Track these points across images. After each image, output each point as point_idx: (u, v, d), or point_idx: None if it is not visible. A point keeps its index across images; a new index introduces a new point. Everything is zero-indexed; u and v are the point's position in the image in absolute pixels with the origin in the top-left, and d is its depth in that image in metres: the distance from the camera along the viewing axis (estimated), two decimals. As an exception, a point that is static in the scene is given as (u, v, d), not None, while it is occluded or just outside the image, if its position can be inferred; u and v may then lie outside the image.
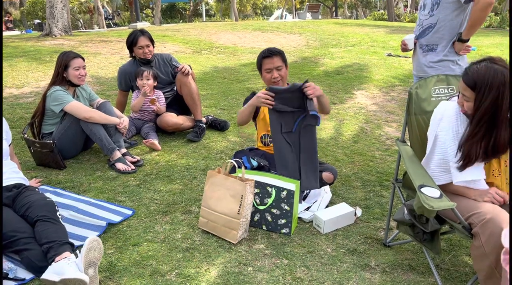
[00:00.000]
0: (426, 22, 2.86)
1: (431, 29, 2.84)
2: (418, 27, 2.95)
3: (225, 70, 6.68)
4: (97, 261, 1.89)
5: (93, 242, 1.88)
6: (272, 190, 2.34)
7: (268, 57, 2.71)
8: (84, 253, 1.84)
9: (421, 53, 2.95)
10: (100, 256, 1.91)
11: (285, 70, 2.76)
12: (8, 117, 4.31)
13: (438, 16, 2.78)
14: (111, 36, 10.02)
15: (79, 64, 3.23)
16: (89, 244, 1.86)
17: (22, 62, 6.73)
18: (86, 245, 1.85)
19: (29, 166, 3.25)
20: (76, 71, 3.21)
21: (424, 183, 1.78)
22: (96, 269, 1.88)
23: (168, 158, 3.41)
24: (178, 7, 34.26)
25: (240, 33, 10.79)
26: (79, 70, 3.22)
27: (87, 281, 1.77)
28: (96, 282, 1.87)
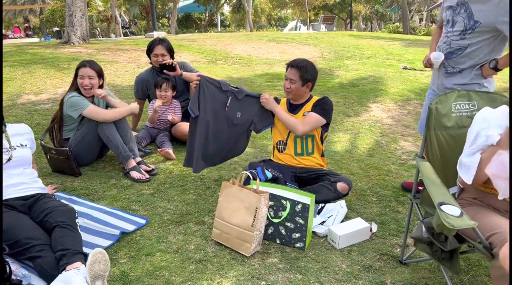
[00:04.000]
0: (456, 44, 2.64)
1: (460, 52, 2.63)
2: (445, 45, 2.72)
3: (239, 81, 6.70)
4: (104, 273, 1.87)
5: (97, 254, 1.87)
6: (287, 203, 2.32)
7: (290, 66, 2.86)
8: (88, 266, 1.83)
9: (443, 73, 2.76)
10: (106, 268, 1.89)
11: (297, 86, 2.81)
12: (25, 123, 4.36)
13: (471, 41, 2.56)
14: (127, 44, 10.15)
15: (83, 73, 3.24)
16: (92, 257, 1.85)
17: (40, 69, 6.84)
18: (90, 258, 1.85)
19: (44, 172, 3.28)
20: (80, 80, 3.24)
21: (444, 200, 1.74)
22: (105, 281, 1.87)
23: (182, 167, 3.41)
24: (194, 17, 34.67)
25: (255, 43, 10.85)
26: (83, 79, 3.24)
27: None
28: (107, 293, 1.86)
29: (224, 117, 2.93)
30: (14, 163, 2.35)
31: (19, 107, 4.97)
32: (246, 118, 2.94)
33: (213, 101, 2.92)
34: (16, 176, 2.35)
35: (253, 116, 2.94)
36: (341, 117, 4.90)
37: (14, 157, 2.36)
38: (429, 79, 3.02)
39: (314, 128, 2.82)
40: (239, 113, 2.94)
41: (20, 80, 6.20)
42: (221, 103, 2.92)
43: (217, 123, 2.93)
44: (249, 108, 2.94)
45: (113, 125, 3.21)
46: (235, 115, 2.93)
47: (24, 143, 2.48)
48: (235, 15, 34.80)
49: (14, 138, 2.44)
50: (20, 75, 6.46)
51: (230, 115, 2.93)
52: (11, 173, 2.33)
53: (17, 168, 2.38)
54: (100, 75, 3.34)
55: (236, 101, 2.92)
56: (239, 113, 2.94)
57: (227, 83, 2.95)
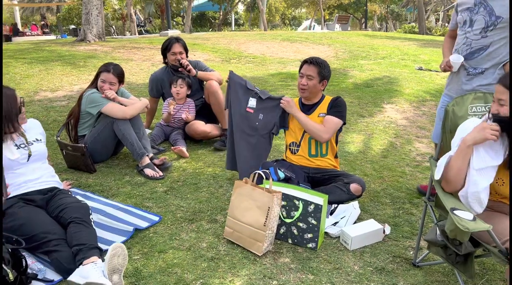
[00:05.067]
0: (477, 43, 2.57)
1: (482, 51, 2.56)
2: (464, 46, 2.65)
3: (253, 80, 6.71)
4: (122, 268, 1.90)
5: (117, 248, 1.89)
6: (299, 204, 2.31)
7: (307, 63, 2.83)
8: (108, 259, 1.85)
9: (464, 75, 2.67)
10: (124, 262, 1.92)
11: (315, 83, 2.78)
12: (42, 119, 4.44)
13: (492, 38, 2.50)
14: (142, 43, 10.24)
15: (106, 78, 3.30)
16: (112, 250, 1.87)
17: (57, 66, 6.94)
18: (110, 251, 1.87)
19: (60, 168, 3.33)
20: (101, 83, 3.29)
21: (456, 206, 1.73)
22: (121, 276, 1.89)
23: (195, 165, 3.43)
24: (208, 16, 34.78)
25: (269, 43, 10.84)
26: (104, 83, 3.29)
27: None
28: (122, 288, 1.88)
29: (246, 117, 2.93)
30: (33, 158, 2.41)
31: (36, 103, 5.05)
32: (267, 120, 2.91)
33: (236, 99, 2.92)
34: (35, 170, 2.40)
35: (274, 118, 2.90)
36: (355, 117, 4.88)
37: (33, 152, 2.41)
38: (445, 80, 2.95)
39: (335, 132, 2.81)
40: (261, 115, 2.91)
41: (37, 77, 6.30)
42: (244, 103, 2.93)
43: (239, 123, 2.93)
44: (270, 110, 2.90)
45: (129, 123, 3.24)
46: (258, 117, 2.91)
47: (39, 138, 2.54)
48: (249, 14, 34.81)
49: (29, 134, 2.49)
50: (37, 72, 6.56)
51: (251, 117, 2.91)
52: (31, 168, 2.38)
53: (37, 163, 2.43)
54: (121, 80, 3.41)
55: (260, 102, 2.90)
56: (262, 115, 2.91)
57: (251, 83, 2.95)
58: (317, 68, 2.79)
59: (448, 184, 1.88)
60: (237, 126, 2.97)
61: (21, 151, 2.36)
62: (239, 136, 2.98)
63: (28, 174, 2.35)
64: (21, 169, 2.32)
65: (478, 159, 1.79)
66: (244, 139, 2.96)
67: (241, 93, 2.95)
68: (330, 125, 2.77)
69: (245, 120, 2.93)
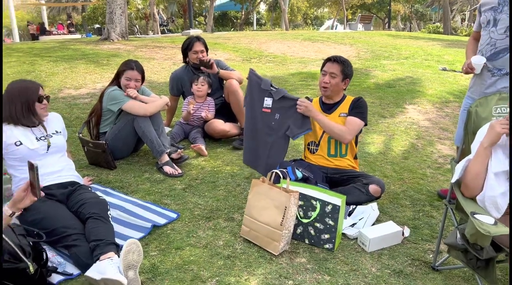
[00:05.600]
0: (501, 43, 2.50)
1: (506, 51, 2.48)
2: (488, 47, 2.57)
3: (273, 79, 6.69)
4: (137, 264, 1.91)
5: (132, 244, 1.91)
6: (317, 204, 2.30)
7: (330, 61, 2.80)
8: (122, 256, 1.87)
9: (488, 77, 2.59)
10: (139, 259, 1.93)
11: (338, 81, 2.75)
12: (65, 116, 4.53)
13: None
14: (164, 42, 10.35)
15: (131, 75, 3.33)
16: (127, 247, 1.89)
17: (81, 64, 7.08)
18: (124, 248, 1.89)
19: (82, 164, 3.39)
20: (126, 81, 3.32)
21: (477, 210, 1.69)
22: (137, 272, 1.91)
23: (213, 164, 3.45)
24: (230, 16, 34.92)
25: (290, 42, 10.80)
26: (129, 81, 3.33)
27: (125, 283, 1.80)
28: (137, 284, 1.89)
29: (262, 117, 2.92)
30: (53, 149, 2.48)
31: (60, 101, 5.17)
32: (283, 121, 2.86)
33: (254, 98, 2.93)
34: (55, 163, 2.47)
35: (289, 119, 2.84)
36: (376, 118, 4.81)
37: (52, 144, 2.48)
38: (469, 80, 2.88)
39: (357, 133, 2.78)
40: (277, 115, 2.88)
41: (61, 74, 6.44)
42: (258, 102, 2.92)
43: (256, 122, 2.94)
44: (286, 111, 2.85)
45: (149, 120, 3.28)
46: (274, 117, 2.88)
47: (58, 130, 2.61)
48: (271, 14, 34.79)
49: (49, 126, 2.56)
50: (62, 70, 6.71)
51: (267, 116, 2.90)
52: (50, 160, 2.45)
53: (56, 155, 2.50)
54: (143, 77, 3.45)
55: (276, 102, 2.87)
56: (278, 115, 2.87)
57: (269, 82, 2.90)
58: (340, 66, 2.76)
59: (466, 189, 1.84)
60: (255, 125, 2.97)
61: (41, 142, 2.44)
62: (256, 134, 2.97)
63: (47, 166, 2.41)
64: (40, 161, 2.36)
65: (496, 162, 1.75)
66: (262, 137, 2.96)
67: (257, 92, 2.94)
68: (353, 126, 2.73)
69: (261, 119, 2.93)
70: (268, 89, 2.89)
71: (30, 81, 2.50)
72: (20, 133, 2.39)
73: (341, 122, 2.77)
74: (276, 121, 2.88)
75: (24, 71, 6.64)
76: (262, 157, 2.97)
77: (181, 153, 3.36)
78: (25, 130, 2.42)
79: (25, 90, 2.41)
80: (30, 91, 2.41)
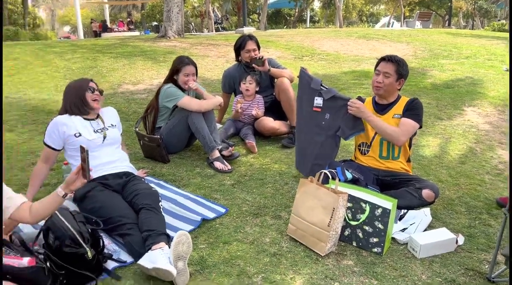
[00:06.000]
0: None
1: None
2: None
3: (325, 77, 6.62)
4: (186, 255, 1.98)
5: (181, 236, 1.97)
6: (366, 206, 2.26)
7: (384, 60, 2.73)
8: (173, 246, 1.94)
9: None
10: (189, 250, 2.00)
11: (392, 81, 2.68)
12: (123, 110, 4.76)
13: None
14: (218, 39, 10.53)
15: (189, 71, 3.44)
16: (177, 238, 1.96)
17: (139, 61, 7.38)
18: (175, 239, 1.95)
19: (138, 157, 3.55)
20: (185, 77, 3.44)
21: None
22: (186, 263, 1.97)
23: (262, 161, 3.48)
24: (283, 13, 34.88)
25: (344, 40, 10.62)
26: (188, 76, 3.43)
27: (174, 274, 1.87)
28: (186, 275, 1.96)
29: (312, 117, 2.91)
30: (108, 141, 2.63)
31: (119, 95, 5.42)
32: (333, 121, 2.83)
33: (304, 97, 2.94)
34: (110, 153, 2.62)
35: (340, 119, 2.80)
36: (432, 120, 4.63)
37: (108, 135, 2.64)
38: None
39: (411, 135, 2.70)
40: (328, 114, 2.85)
41: (121, 70, 6.75)
42: (308, 101, 2.92)
43: (306, 121, 2.94)
44: (337, 110, 2.81)
45: (202, 117, 3.37)
46: (324, 116, 2.86)
47: (114, 124, 2.77)
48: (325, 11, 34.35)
49: (106, 120, 2.73)
50: (122, 66, 7.03)
51: (318, 116, 2.89)
52: (106, 151, 2.60)
53: (111, 146, 2.65)
54: (197, 72, 3.56)
55: (327, 101, 2.85)
56: (328, 114, 2.85)
57: (319, 81, 2.89)
58: (394, 66, 2.69)
59: None
60: (305, 124, 2.96)
61: (97, 134, 2.61)
62: (307, 134, 2.96)
63: (102, 157, 2.56)
64: (97, 152, 2.54)
65: None
66: (312, 137, 2.94)
67: (307, 91, 2.93)
68: (407, 128, 2.65)
69: (312, 119, 2.91)
70: (318, 89, 2.87)
71: (84, 78, 2.72)
72: (80, 125, 2.57)
73: (395, 124, 2.70)
74: (326, 120, 2.86)
75: (87, 67, 7.03)
76: (308, 156, 2.96)
77: (231, 150, 3.42)
78: (85, 123, 2.60)
79: (78, 82, 2.65)
80: (82, 83, 2.64)
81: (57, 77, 6.44)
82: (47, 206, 1.89)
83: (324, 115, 2.87)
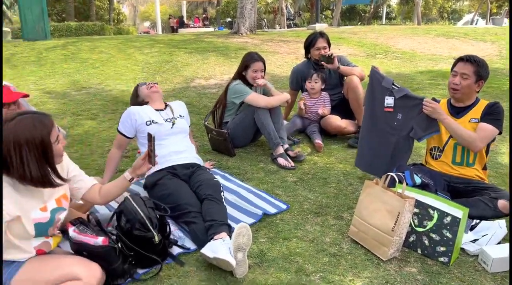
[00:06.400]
0: None
1: None
2: None
3: (399, 77, 6.37)
4: (246, 247, 2.02)
5: (242, 228, 2.01)
6: (434, 213, 2.15)
7: (462, 61, 2.59)
8: (233, 238, 1.99)
9: None
10: (248, 242, 2.03)
11: (470, 83, 2.53)
12: (195, 104, 4.95)
13: None
14: (290, 36, 10.53)
15: (258, 67, 3.50)
16: (238, 230, 2.00)
17: (212, 56, 7.61)
18: (235, 231, 2.00)
19: (206, 149, 3.68)
20: (253, 73, 3.50)
21: None
22: (245, 254, 2.02)
23: (326, 160, 3.44)
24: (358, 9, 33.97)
25: (421, 38, 10.13)
26: (256, 72, 3.49)
27: (233, 265, 1.92)
28: (245, 266, 2.01)
29: (383, 116, 2.83)
30: (176, 129, 2.78)
31: (191, 89, 5.64)
32: (406, 121, 2.73)
33: (374, 96, 2.87)
34: (178, 142, 2.75)
35: (413, 120, 2.69)
36: (515, 125, 4.27)
37: (176, 124, 2.79)
38: None
39: (489, 141, 2.54)
40: (400, 114, 2.76)
41: (194, 65, 7.01)
42: (379, 101, 2.84)
43: (377, 121, 2.86)
44: (409, 110, 2.71)
45: (268, 113, 3.41)
46: (396, 116, 2.77)
47: (182, 114, 2.92)
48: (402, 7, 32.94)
49: (175, 110, 2.89)
50: (195, 61, 7.30)
51: (389, 116, 2.80)
52: (174, 140, 2.74)
53: (179, 135, 2.79)
54: (265, 68, 3.62)
55: (398, 101, 2.76)
56: (400, 114, 2.76)
57: (391, 80, 2.80)
58: (473, 67, 2.53)
59: None
60: (376, 124, 2.88)
61: (167, 123, 2.76)
62: (378, 134, 2.88)
63: (171, 146, 2.70)
64: (165, 141, 2.69)
65: None
66: (384, 137, 2.85)
67: (378, 90, 2.84)
68: (485, 134, 2.49)
69: (383, 119, 2.83)
70: (389, 88, 2.77)
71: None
72: (152, 114, 2.73)
73: (471, 128, 2.54)
74: (399, 121, 2.76)
75: (163, 61, 7.38)
76: (382, 157, 2.88)
77: (298, 152, 3.42)
78: (156, 112, 2.76)
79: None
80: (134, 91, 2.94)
81: (135, 70, 6.84)
82: (115, 189, 2.04)
83: (396, 115, 2.77)
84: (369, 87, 2.91)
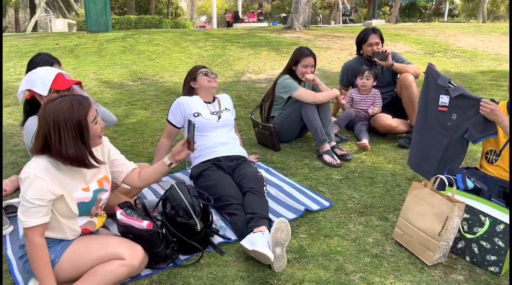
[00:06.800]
0: None
1: None
2: None
3: (458, 76, 6.07)
4: (284, 242, 2.02)
5: (281, 223, 2.01)
6: (486, 220, 2.04)
7: None
8: (272, 233, 1.99)
9: None
10: (287, 237, 2.03)
11: None
12: (243, 98, 4.99)
13: None
14: (344, 32, 10.34)
15: (308, 62, 3.48)
16: (276, 225, 2.00)
17: (264, 51, 7.63)
18: (274, 225, 2.00)
19: (252, 143, 3.71)
20: (303, 68, 3.48)
21: None
22: (284, 249, 2.02)
23: (374, 159, 3.36)
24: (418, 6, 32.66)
25: (485, 36, 9.58)
26: (306, 68, 3.46)
27: (271, 259, 1.93)
28: (284, 261, 2.01)
29: (436, 116, 2.71)
30: (222, 122, 2.82)
31: (241, 83, 5.70)
32: (461, 122, 2.60)
33: (428, 95, 2.75)
34: (224, 134, 2.80)
35: (468, 121, 2.56)
36: None
37: (222, 117, 2.83)
38: None
39: None
40: (454, 115, 2.64)
41: (246, 59, 7.06)
42: (433, 99, 2.72)
43: (430, 121, 2.75)
44: (465, 111, 2.58)
45: (316, 109, 3.37)
46: (450, 117, 2.65)
47: (228, 107, 2.96)
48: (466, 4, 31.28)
49: (222, 103, 2.93)
50: (247, 55, 7.36)
51: (443, 115, 2.68)
52: (220, 132, 2.79)
53: (224, 128, 2.84)
54: (316, 63, 3.58)
55: (453, 100, 2.63)
56: (455, 115, 2.64)
57: (448, 79, 2.67)
58: None
59: None
60: (429, 124, 2.77)
61: (213, 116, 2.81)
62: (430, 134, 2.77)
63: (217, 137, 2.75)
64: (211, 132, 2.74)
65: None
66: (435, 138, 2.74)
67: (433, 88, 2.72)
68: None
69: (436, 118, 2.71)
70: (445, 86, 2.65)
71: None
72: (199, 106, 2.79)
73: None
74: (453, 121, 2.63)
75: (216, 55, 7.51)
76: (432, 159, 2.76)
77: (345, 152, 3.36)
78: (203, 104, 2.82)
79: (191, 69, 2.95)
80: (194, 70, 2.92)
81: (189, 63, 7.01)
82: (154, 173, 2.11)
83: (451, 115, 2.64)
84: (424, 84, 2.80)
